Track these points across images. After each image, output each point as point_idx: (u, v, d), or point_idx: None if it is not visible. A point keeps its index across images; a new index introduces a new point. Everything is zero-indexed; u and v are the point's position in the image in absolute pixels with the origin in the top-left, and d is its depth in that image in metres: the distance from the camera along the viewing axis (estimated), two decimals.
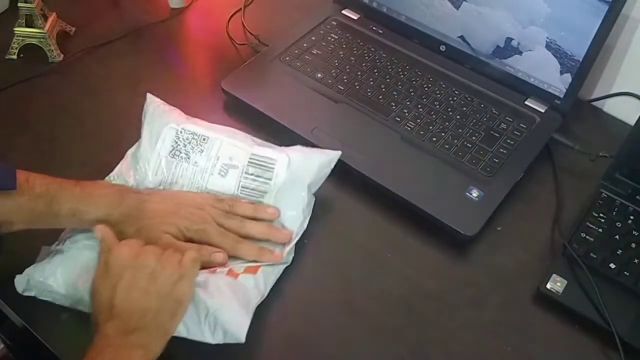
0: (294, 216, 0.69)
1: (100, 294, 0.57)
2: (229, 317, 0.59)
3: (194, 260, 0.60)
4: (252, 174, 0.70)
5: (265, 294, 0.65)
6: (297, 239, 0.68)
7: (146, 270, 0.58)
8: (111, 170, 0.72)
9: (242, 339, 0.59)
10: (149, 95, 0.75)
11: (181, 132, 0.71)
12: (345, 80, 0.86)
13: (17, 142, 0.80)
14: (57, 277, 0.62)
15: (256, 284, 0.64)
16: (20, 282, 0.62)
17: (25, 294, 0.62)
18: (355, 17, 0.96)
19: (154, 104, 0.74)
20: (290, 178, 0.70)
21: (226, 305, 0.60)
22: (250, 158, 0.71)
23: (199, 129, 0.72)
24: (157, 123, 0.72)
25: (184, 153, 0.71)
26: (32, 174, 0.61)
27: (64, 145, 0.80)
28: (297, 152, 0.72)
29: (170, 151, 0.71)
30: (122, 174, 0.71)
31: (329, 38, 0.93)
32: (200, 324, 0.59)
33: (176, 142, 0.71)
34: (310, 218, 0.71)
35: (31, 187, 0.60)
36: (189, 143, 0.71)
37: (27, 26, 0.89)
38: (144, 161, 0.71)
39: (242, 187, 0.70)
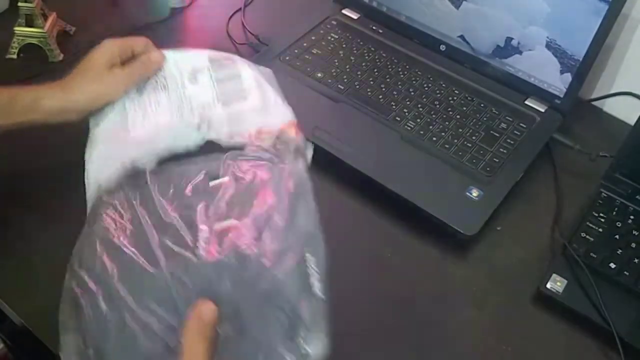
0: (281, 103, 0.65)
1: None
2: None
3: None
4: (222, 77, 0.64)
5: None
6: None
7: None
8: None
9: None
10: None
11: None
12: (345, 80, 0.86)
13: (16, 141, 0.80)
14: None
15: None
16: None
17: None
18: (355, 17, 0.96)
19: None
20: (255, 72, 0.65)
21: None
22: (209, 59, 0.66)
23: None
24: None
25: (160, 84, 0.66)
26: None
27: (63, 145, 0.80)
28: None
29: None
30: None
31: (329, 38, 0.93)
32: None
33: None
34: None
35: None
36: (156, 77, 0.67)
37: (27, 26, 0.89)
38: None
39: (221, 93, 0.63)
